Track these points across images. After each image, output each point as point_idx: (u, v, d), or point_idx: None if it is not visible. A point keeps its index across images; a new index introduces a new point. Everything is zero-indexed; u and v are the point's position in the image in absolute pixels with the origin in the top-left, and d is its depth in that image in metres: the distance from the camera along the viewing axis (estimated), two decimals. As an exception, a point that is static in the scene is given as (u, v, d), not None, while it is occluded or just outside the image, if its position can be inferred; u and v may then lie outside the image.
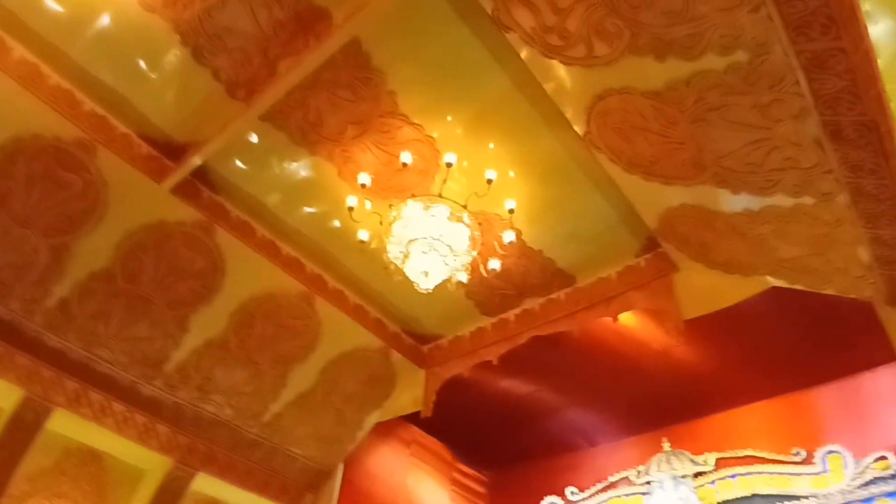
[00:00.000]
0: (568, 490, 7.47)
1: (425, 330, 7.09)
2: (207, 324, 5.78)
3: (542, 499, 7.58)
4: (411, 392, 7.14)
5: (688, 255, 5.30)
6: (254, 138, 4.92)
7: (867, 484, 5.41)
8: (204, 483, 6.18)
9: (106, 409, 5.55)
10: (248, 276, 5.77)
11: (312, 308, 6.19)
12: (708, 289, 5.32)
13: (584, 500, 7.29)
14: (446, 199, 4.85)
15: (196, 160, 4.89)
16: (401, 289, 5.78)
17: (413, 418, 7.35)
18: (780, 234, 4.18)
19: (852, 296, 4.46)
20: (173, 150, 4.99)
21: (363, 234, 5.10)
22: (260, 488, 6.53)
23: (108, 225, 5.07)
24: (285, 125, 4.80)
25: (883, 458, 5.45)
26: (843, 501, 5.44)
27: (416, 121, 4.75)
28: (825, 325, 5.70)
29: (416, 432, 8.26)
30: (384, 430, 7.65)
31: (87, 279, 5.16)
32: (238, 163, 5.17)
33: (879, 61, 2.60)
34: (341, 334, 6.51)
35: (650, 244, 5.61)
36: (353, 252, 5.67)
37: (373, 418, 7.26)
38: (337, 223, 5.65)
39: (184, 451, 5.96)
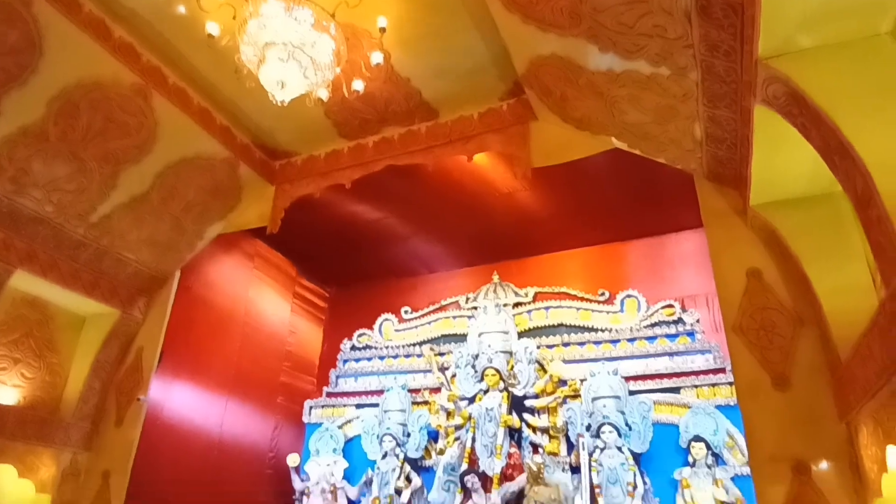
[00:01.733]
0: (403, 309, 8.05)
1: (278, 145, 6.77)
2: (21, 108, 5.00)
3: (379, 315, 8.12)
4: (258, 207, 6.95)
5: (547, 107, 5.45)
6: None
7: (653, 325, 6.52)
8: (24, 281, 5.79)
9: None
10: (72, 58, 4.96)
11: (149, 105, 5.56)
12: (559, 141, 5.61)
13: (415, 318, 7.93)
14: (313, 1, 4.37)
15: None
16: (253, 97, 5.33)
17: (259, 233, 7.26)
18: (633, 100, 4.40)
19: (679, 166, 4.94)
20: None
21: (212, 28, 4.49)
22: (87, 290, 6.23)
23: None
24: None
25: (670, 305, 6.54)
26: (631, 336, 6.53)
27: None
28: (648, 189, 6.38)
29: (261, 246, 8.24)
30: (227, 242, 7.52)
31: None
32: None
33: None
34: (182, 138, 6.00)
35: (515, 90, 5.70)
36: (200, 47, 5.08)
37: (215, 229, 7.04)
38: (182, 9, 4.90)
39: (-2, 247, 5.42)
